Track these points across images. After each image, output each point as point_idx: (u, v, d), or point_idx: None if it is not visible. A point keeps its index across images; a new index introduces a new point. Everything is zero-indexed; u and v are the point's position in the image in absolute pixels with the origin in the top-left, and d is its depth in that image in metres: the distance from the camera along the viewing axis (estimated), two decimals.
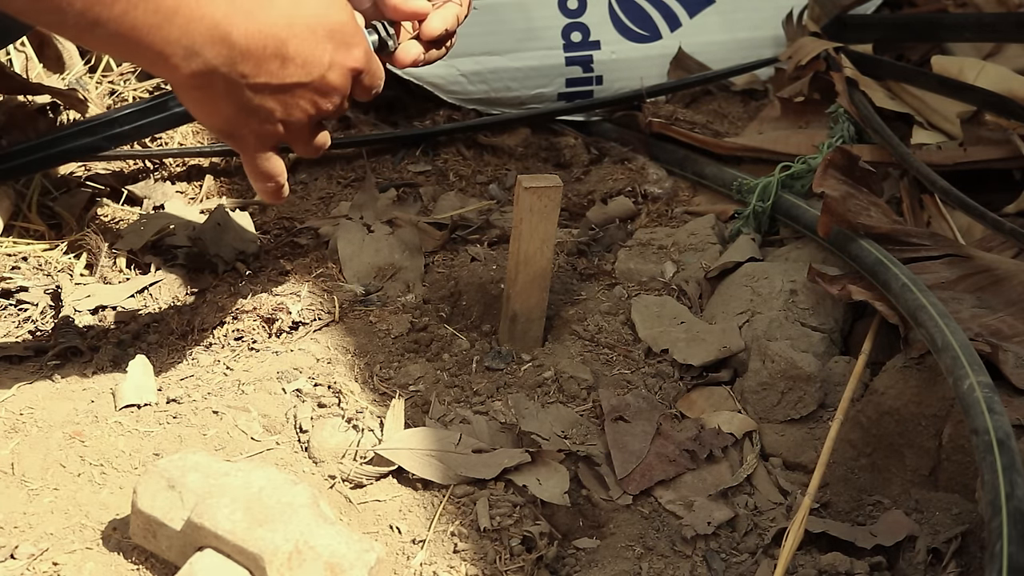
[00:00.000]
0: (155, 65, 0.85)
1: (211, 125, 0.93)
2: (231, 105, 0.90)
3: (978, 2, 1.68)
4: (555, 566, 0.91)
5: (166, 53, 0.83)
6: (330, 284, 1.21)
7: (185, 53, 0.84)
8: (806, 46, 1.53)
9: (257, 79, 0.89)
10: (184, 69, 0.84)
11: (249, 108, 0.91)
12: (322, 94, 0.95)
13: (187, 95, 0.90)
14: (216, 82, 0.87)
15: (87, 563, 0.84)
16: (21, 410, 1.00)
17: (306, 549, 0.78)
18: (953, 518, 0.93)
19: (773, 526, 0.95)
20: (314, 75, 0.94)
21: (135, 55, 0.84)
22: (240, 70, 0.88)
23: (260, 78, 0.90)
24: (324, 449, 0.97)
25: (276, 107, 0.92)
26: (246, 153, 0.97)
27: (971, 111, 1.36)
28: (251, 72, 0.89)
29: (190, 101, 0.90)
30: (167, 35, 0.82)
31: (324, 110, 0.96)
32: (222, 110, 0.90)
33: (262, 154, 0.97)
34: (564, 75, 1.60)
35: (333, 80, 0.96)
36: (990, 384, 0.87)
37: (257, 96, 0.90)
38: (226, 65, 0.86)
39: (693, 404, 1.07)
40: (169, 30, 0.82)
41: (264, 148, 0.96)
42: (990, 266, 1.10)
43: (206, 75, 0.85)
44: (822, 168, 1.15)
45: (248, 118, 0.92)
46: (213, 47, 0.85)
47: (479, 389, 1.05)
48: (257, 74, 0.89)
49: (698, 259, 1.24)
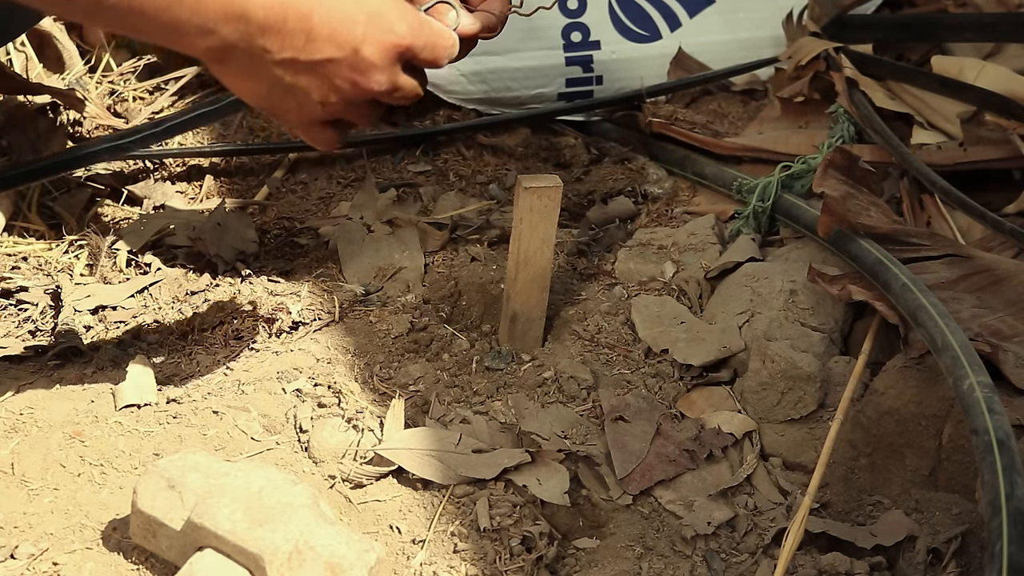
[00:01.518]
0: (172, 43, 0.84)
1: (250, 101, 0.92)
2: (262, 82, 0.88)
3: (978, 2, 1.68)
4: (555, 566, 0.91)
5: (179, 31, 0.82)
6: (330, 284, 1.21)
7: (198, 31, 0.82)
8: (806, 46, 1.53)
9: (283, 54, 0.88)
10: (200, 45, 0.83)
11: (283, 86, 0.89)
12: (359, 71, 0.92)
13: (214, 70, 0.88)
14: (238, 57, 0.85)
15: (87, 563, 0.84)
16: (21, 410, 1.00)
17: (306, 549, 0.78)
18: (953, 518, 0.93)
19: (773, 526, 0.95)
20: (346, 50, 0.91)
21: (150, 34, 0.83)
22: (261, 44, 0.86)
23: (286, 53, 0.88)
24: (324, 449, 0.97)
25: (311, 85, 0.90)
26: (293, 128, 0.95)
27: (971, 111, 1.36)
28: (275, 47, 0.87)
29: (220, 76, 0.89)
30: (176, 15, 0.81)
31: (368, 89, 0.93)
32: (254, 87, 0.89)
33: (311, 129, 0.96)
34: (564, 75, 1.60)
35: (370, 55, 0.92)
36: (990, 384, 0.87)
37: (288, 73, 0.89)
38: (244, 40, 0.85)
39: (693, 404, 1.07)
40: (178, 11, 0.81)
41: (311, 125, 0.94)
42: (990, 266, 1.10)
43: (224, 51, 0.84)
44: (822, 168, 1.15)
45: (285, 96, 0.90)
46: (228, 23, 0.84)
47: (479, 389, 1.05)
48: (282, 49, 0.87)
49: (698, 259, 1.24)
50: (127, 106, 1.54)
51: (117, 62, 1.62)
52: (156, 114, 1.53)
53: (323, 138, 0.96)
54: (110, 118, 1.49)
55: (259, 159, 1.49)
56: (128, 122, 1.50)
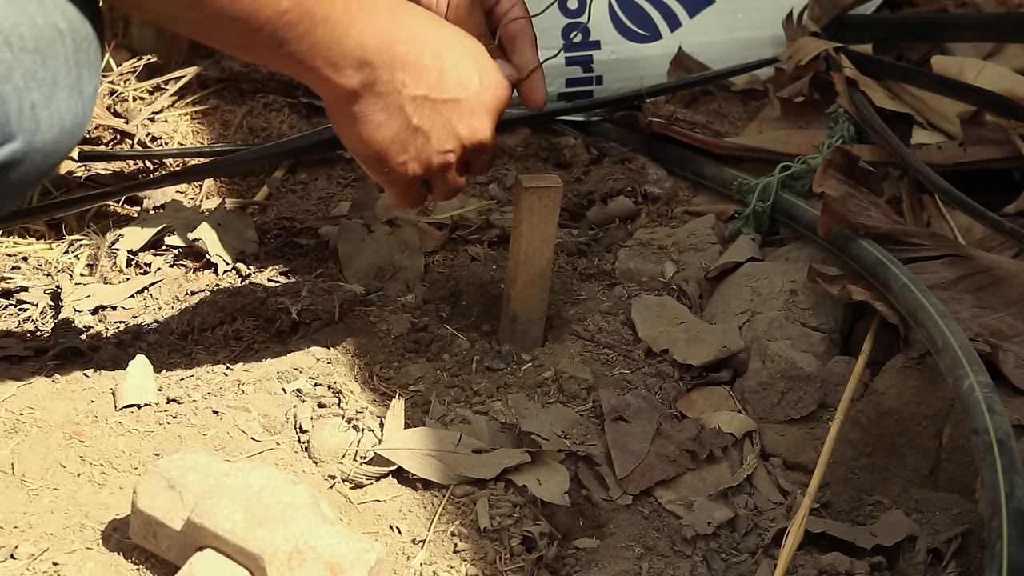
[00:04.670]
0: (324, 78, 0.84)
1: (370, 146, 0.91)
2: (392, 122, 0.89)
3: (978, 2, 1.68)
4: (555, 566, 0.91)
5: (340, 65, 0.83)
6: (330, 284, 1.21)
7: (358, 63, 0.84)
8: (806, 46, 1.53)
9: (417, 90, 0.89)
10: (342, 79, 0.84)
11: (410, 127, 0.90)
12: (478, 116, 0.94)
13: (348, 112, 0.88)
14: (377, 92, 0.87)
15: (87, 563, 0.84)
16: (21, 410, 1.00)
17: (306, 549, 0.78)
18: (953, 518, 0.93)
19: (773, 526, 0.95)
20: (469, 93, 0.93)
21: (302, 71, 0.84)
22: (401, 78, 0.87)
23: (420, 90, 0.89)
24: (324, 449, 0.97)
25: (435, 127, 0.91)
26: (394, 185, 0.96)
27: (971, 111, 1.35)
28: (411, 82, 0.88)
29: (350, 120, 0.89)
30: (344, 48, 0.83)
31: (482, 137, 0.95)
32: (383, 128, 0.89)
33: (411, 187, 0.96)
34: (564, 75, 1.60)
35: (487, 101, 0.95)
36: (990, 384, 0.87)
37: (417, 113, 0.89)
38: (388, 72, 0.86)
39: (693, 404, 1.07)
40: (347, 43, 0.83)
41: (414, 178, 0.95)
42: (990, 266, 1.10)
43: (366, 85, 0.86)
44: (822, 168, 1.15)
45: (409, 139, 0.91)
46: (380, 55, 0.85)
47: (479, 389, 1.05)
48: (417, 85, 0.88)
49: (698, 259, 1.24)
50: (127, 106, 1.54)
51: (117, 62, 1.62)
52: (157, 114, 1.53)
53: (415, 195, 0.98)
54: (110, 118, 1.49)
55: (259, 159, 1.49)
56: (128, 122, 1.50)
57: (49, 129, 0.73)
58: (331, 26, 0.82)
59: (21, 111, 0.70)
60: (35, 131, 0.72)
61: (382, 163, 0.93)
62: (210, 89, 1.61)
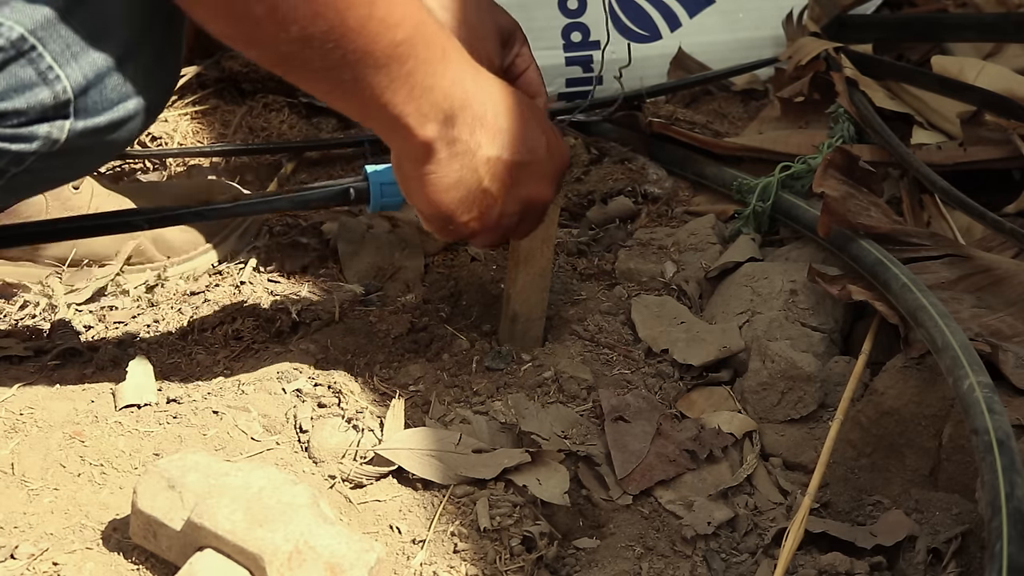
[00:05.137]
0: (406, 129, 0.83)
1: (439, 206, 0.90)
2: (464, 180, 0.88)
3: (978, 2, 1.68)
4: (555, 566, 0.91)
5: (427, 116, 0.82)
6: (330, 284, 1.21)
7: (444, 117, 0.83)
8: (806, 46, 1.53)
9: (491, 151, 0.88)
10: (434, 133, 0.84)
11: (479, 189, 0.89)
12: (544, 180, 0.95)
13: (421, 169, 0.87)
14: (454, 150, 0.86)
15: (87, 563, 0.84)
16: (21, 410, 1.00)
17: (306, 549, 0.78)
18: (953, 518, 0.93)
19: (773, 526, 0.95)
20: (536, 156, 0.93)
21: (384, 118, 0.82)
22: (478, 138, 0.87)
23: (493, 150, 0.88)
24: (324, 449, 0.97)
25: (502, 189, 0.91)
26: (446, 235, 0.96)
27: (971, 111, 1.35)
28: (486, 141, 0.88)
29: (421, 178, 0.88)
30: (434, 98, 0.82)
31: (544, 200, 0.96)
32: (454, 192, 0.88)
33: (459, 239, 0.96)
34: (564, 75, 1.60)
35: (554, 165, 0.95)
36: (990, 384, 0.87)
37: (488, 174, 0.89)
38: (468, 129, 0.85)
39: (693, 404, 1.07)
40: (437, 93, 0.82)
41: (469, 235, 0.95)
42: (990, 266, 1.10)
43: (445, 141, 0.85)
44: (822, 168, 1.15)
45: (476, 200, 0.90)
46: (463, 111, 0.84)
47: (479, 389, 1.05)
48: (491, 145, 0.88)
49: (698, 259, 1.24)
50: None
51: None
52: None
53: (458, 238, 0.98)
54: None
55: (259, 159, 1.49)
56: None
57: (158, 86, 0.83)
58: (429, 71, 0.80)
59: (136, 72, 0.80)
60: (147, 88, 0.82)
61: (446, 222, 0.92)
62: (210, 89, 1.61)
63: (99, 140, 0.81)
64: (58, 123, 0.78)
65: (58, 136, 0.78)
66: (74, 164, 0.85)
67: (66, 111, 0.77)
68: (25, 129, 0.77)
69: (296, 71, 0.78)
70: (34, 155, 0.78)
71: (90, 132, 0.79)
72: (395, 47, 0.77)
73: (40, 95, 0.76)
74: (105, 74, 0.78)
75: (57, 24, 0.74)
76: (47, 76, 0.75)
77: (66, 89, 0.76)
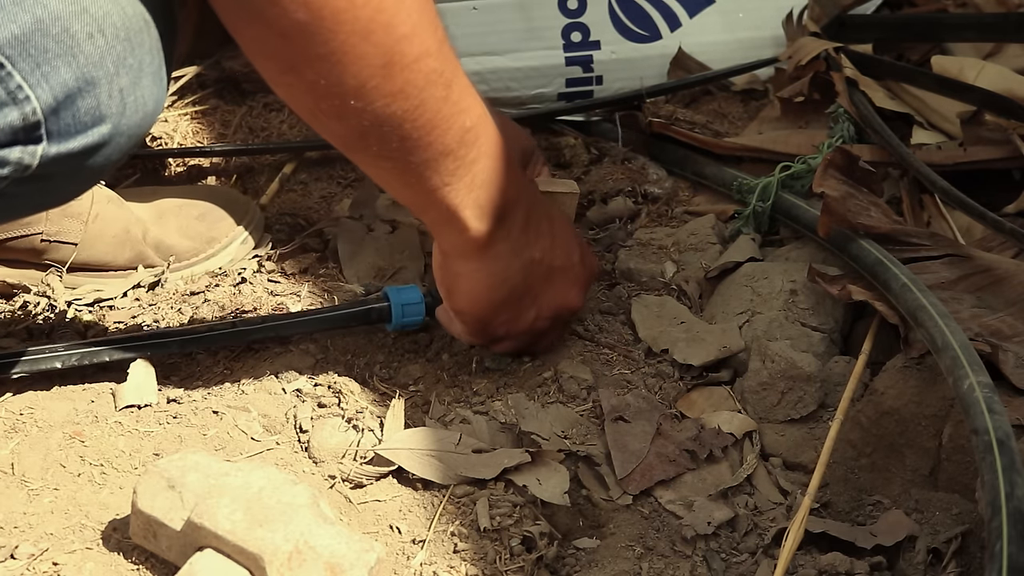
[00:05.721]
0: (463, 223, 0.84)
1: (480, 305, 0.92)
2: (508, 283, 0.89)
3: (978, 2, 1.67)
4: (555, 566, 0.91)
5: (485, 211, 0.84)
6: (330, 284, 1.21)
7: (500, 214, 0.84)
8: (806, 46, 1.52)
9: (535, 253, 0.89)
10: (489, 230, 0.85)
11: (520, 290, 0.89)
12: (577, 286, 0.95)
13: (469, 266, 0.88)
14: (504, 251, 0.87)
15: (87, 563, 0.84)
16: (21, 410, 1.00)
17: (306, 549, 0.78)
18: (953, 518, 0.93)
19: (773, 526, 0.95)
20: (573, 261, 0.94)
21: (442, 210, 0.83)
22: (525, 238, 0.87)
23: (537, 252, 0.89)
24: (324, 449, 0.97)
25: (538, 291, 0.91)
26: (474, 337, 0.97)
27: (971, 111, 1.35)
28: (532, 243, 0.88)
29: (469, 275, 0.89)
30: (491, 193, 0.83)
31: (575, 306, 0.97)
32: (498, 291, 0.89)
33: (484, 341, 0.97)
34: (564, 75, 1.60)
35: (587, 272, 0.96)
36: (990, 384, 0.87)
37: (532, 275, 0.89)
38: (519, 229, 0.87)
39: (693, 404, 1.07)
40: (494, 189, 0.83)
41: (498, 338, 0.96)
42: (990, 266, 1.10)
43: (504, 238, 0.86)
44: (822, 168, 1.15)
45: (516, 302, 0.91)
46: (514, 210, 0.86)
47: (479, 389, 1.05)
48: (535, 247, 0.89)
49: (698, 259, 1.24)
50: None
51: None
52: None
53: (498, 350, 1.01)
54: None
55: (259, 159, 1.49)
56: None
57: (134, 113, 0.76)
58: (489, 165, 0.81)
59: (111, 95, 0.74)
60: (122, 114, 0.75)
61: (485, 323, 0.92)
62: (210, 89, 1.61)
63: (73, 166, 0.76)
64: (30, 148, 0.73)
65: (30, 162, 0.73)
66: (50, 190, 0.81)
67: (37, 134, 0.73)
68: None
69: (371, 148, 0.78)
70: (6, 180, 0.74)
71: (64, 158, 0.75)
72: (464, 132, 0.78)
73: (9, 116, 0.71)
74: (76, 95, 0.73)
75: (27, 42, 0.70)
76: (16, 96, 0.71)
77: (35, 110, 0.71)
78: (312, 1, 0.70)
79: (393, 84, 0.73)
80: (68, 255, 1.18)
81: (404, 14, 0.74)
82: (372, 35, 0.72)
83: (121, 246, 1.21)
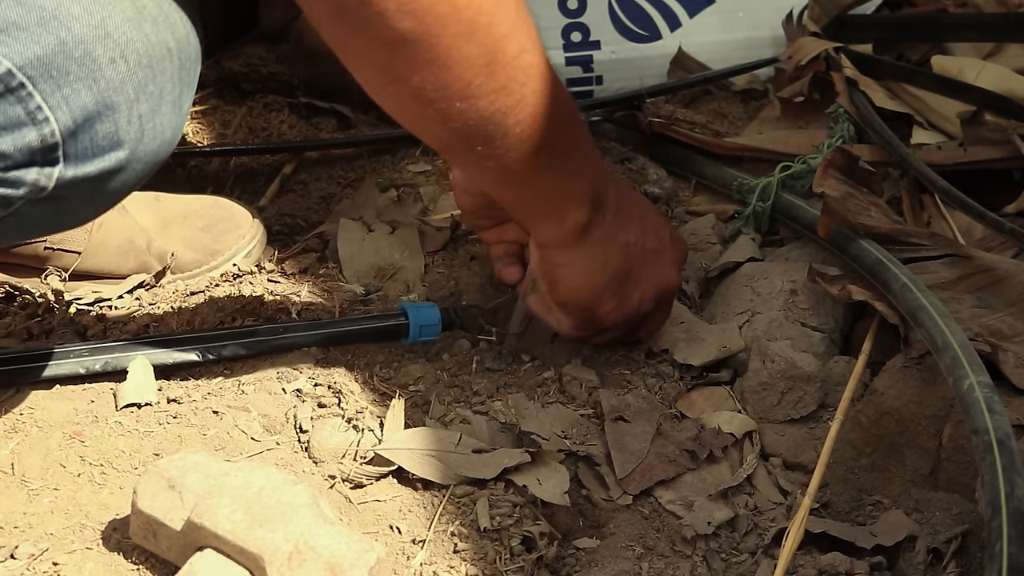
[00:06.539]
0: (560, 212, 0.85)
1: (584, 292, 0.92)
2: (610, 267, 0.90)
3: (978, 2, 1.67)
4: (555, 566, 0.91)
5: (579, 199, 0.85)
6: (330, 284, 1.21)
7: (593, 200, 0.85)
8: (806, 46, 1.53)
9: (629, 236, 0.90)
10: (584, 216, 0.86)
11: (621, 274, 0.90)
12: (674, 266, 0.96)
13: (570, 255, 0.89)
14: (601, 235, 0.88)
15: (87, 563, 0.84)
16: (21, 410, 1.00)
17: (306, 549, 0.78)
18: (953, 518, 0.93)
19: (773, 526, 0.95)
20: (665, 242, 0.94)
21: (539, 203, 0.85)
22: (618, 221, 0.88)
23: (631, 235, 0.90)
24: (324, 449, 0.97)
25: (642, 275, 0.92)
26: (586, 330, 0.97)
27: (971, 111, 1.35)
28: (624, 225, 0.89)
29: (570, 263, 0.90)
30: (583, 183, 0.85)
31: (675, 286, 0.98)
32: (599, 276, 0.90)
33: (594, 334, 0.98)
34: (564, 75, 1.60)
35: (679, 252, 0.97)
36: (990, 384, 0.87)
37: (630, 258, 0.90)
38: (612, 213, 0.88)
39: (693, 404, 1.07)
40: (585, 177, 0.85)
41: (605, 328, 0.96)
42: (990, 266, 1.10)
43: (599, 224, 0.87)
44: (822, 168, 1.15)
45: (619, 287, 0.92)
46: (604, 196, 0.87)
47: (479, 389, 1.05)
48: (627, 230, 0.90)
49: (698, 259, 1.24)
50: None
51: None
52: None
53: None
54: None
55: (259, 159, 1.49)
56: None
57: (152, 140, 0.77)
58: (581, 153, 0.82)
59: (130, 121, 0.75)
60: (140, 140, 0.76)
61: (589, 312, 0.92)
62: (210, 89, 1.61)
63: (89, 190, 0.77)
64: (47, 170, 0.73)
65: (46, 183, 0.74)
66: (64, 212, 0.81)
67: (54, 156, 0.73)
68: (12, 174, 0.73)
69: (476, 149, 0.79)
70: (22, 200, 0.74)
71: (79, 181, 0.75)
72: (560, 123, 0.79)
73: (27, 136, 0.71)
74: (95, 119, 0.73)
75: (49, 64, 0.70)
76: (36, 116, 0.71)
77: (54, 132, 0.72)
78: (417, 9, 0.70)
79: (496, 81, 0.74)
80: (71, 263, 1.18)
81: (503, 13, 0.75)
82: (475, 36, 0.73)
83: (124, 256, 1.21)
